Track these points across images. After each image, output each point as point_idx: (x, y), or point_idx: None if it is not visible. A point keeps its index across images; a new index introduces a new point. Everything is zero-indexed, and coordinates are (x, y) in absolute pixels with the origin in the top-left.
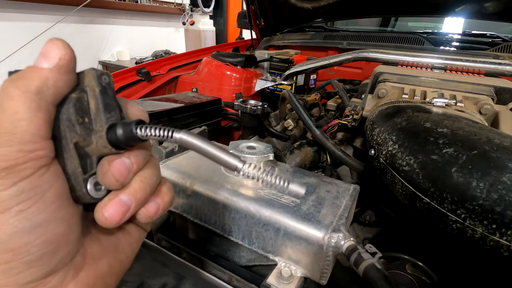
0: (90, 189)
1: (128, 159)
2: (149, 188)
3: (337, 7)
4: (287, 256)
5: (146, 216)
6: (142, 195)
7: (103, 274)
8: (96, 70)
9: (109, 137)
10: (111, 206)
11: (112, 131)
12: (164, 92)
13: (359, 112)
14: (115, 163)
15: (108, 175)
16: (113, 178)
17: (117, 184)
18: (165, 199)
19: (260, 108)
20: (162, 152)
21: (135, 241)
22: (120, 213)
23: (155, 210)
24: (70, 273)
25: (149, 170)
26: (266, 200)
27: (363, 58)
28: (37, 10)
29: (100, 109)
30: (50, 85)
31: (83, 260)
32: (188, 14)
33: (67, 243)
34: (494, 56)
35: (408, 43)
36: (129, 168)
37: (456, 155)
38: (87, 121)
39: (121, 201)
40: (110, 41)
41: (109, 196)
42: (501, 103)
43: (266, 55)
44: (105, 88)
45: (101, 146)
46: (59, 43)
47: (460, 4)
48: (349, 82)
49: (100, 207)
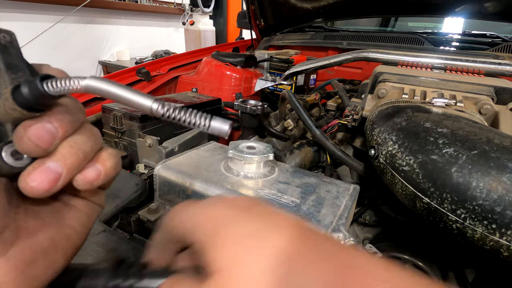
0: (7, 158)
1: (49, 123)
2: (81, 153)
3: (337, 7)
4: None
5: (84, 182)
6: (74, 160)
7: (44, 249)
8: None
9: (16, 98)
10: (36, 174)
11: (18, 91)
12: (164, 92)
13: (359, 112)
14: (32, 128)
15: (24, 140)
16: (31, 143)
17: (39, 150)
18: (107, 165)
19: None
20: (162, 152)
21: (84, 215)
22: (48, 181)
23: (94, 175)
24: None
25: (81, 135)
26: (266, 200)
27: (363, 58)
28: (37, 10)
29: (2, 69)
30: None
31: (14, 235)
32: (188, 14)
33: None
34: (494, 56)
35: (408, 43)
36: (51, 132)
37: (456, 155)
38: None
39: (48, 168)
40: (110, 41)
41: (33, 164)
42: (501, 103)
43: (266, 55)
44: (6, 47)
45: (9, 110)
46: None
47: (460, 4)
48: (349, 82)
49: (23, 176)
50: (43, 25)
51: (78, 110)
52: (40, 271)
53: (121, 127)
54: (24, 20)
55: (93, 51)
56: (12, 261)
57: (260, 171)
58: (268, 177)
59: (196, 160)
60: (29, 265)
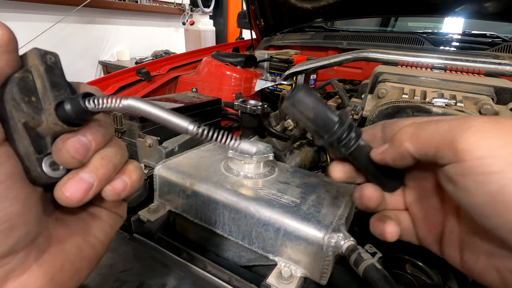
0: (46, 168)
1: (84, 137)
2: (111, 165)
3: (337, 7)
4: (287, 256)
5: (112, 193)
6: (105, 172)
7: (71, 257)
8: (39, 49)
9: (58, 113)
10: (71, 184)
11: (61, 108)
12: (164, 92)
13: (359, 112)
14: (70, 141)
15: (62, 152)
16: (68, 155)
17: (75, 162)
18: (133, 177)
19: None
20: (162, 152)
21: (107, 226)
22: (81, 191)
23: (122, 187)
24: (32, 254)
25: (111, 148)
26: (266, 200)
27: (363, 58)
28: (37, 10)
29: (47, 87)
30: None
31: (46, 242)
32: (188, 14)
33: (25, 223)
34: (494, 56)
35: (408, 43)
36: (86, 145)
37: None
38: (34, 100)
39: (82, 179)
40: (110, 41)
41: (68, 175)
42: (501, 103)
43: (266, 55)
44: (51, 67)
45: (51, 124)
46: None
47: (460, 4)
48: (349, 82)
49: (59, 186)
50: (43, 25)
51: (109, 124)
52: (67, 278)
53: (121, 127)
54: (24, 20)
55: (93, 51)
56: (44, 267)
57: (260, 171)
58: (268, 177)
59: (196, 160)
60: (58, 272)
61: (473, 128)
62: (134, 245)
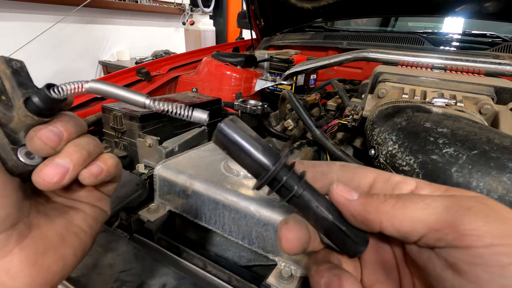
0: (22, 157)
1: (54, 127)
2: (85, 152)
3: (337, 7)
4: (287, 256)
5: (89, 175)
6: (79, 157)
7: (55, 244)
8: (4, 57)
9: (28, 107)
10: (47, 169)
11: (29, 101)
12: (164, 92)
13: (359, 112)
14: (41, 130)
15: (34, 140)
16: (40, 142)
17: (47, 148)
18: (108, 163)
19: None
20: (162, 152)
21: (90, 218)
22: (58, 174)
23: (98, 170)
24: (13, 238)
25: (84, 138)
26: (266, 200)
27: (363, 58)
28: (37, 10)
29: (15, 86)
30: None
31: (27, 229)
32: (188, 14)
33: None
34: (494, 56)
35: (408, 43)
36: (58, 134)
37: (456, 155)
38: (4, 99)
39: (57, 164)
40: (110, 41)
41: (44, 162)
42: (501, 103)
43: (266, 55)
44: (17, 71)
45: (22, 117)
46: None
47: (460, 4)
48: (349, 82)
49: (36, 172)
50: (43, 25)
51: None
52: (51, 263)
53: (121, 127)
54: (24, 20)
55: (93, 51)
56: (25, 251)
57: None
58: None
59: (196, 160)
60: (41, 256)
61: (474, 209)
62: (134, 245)
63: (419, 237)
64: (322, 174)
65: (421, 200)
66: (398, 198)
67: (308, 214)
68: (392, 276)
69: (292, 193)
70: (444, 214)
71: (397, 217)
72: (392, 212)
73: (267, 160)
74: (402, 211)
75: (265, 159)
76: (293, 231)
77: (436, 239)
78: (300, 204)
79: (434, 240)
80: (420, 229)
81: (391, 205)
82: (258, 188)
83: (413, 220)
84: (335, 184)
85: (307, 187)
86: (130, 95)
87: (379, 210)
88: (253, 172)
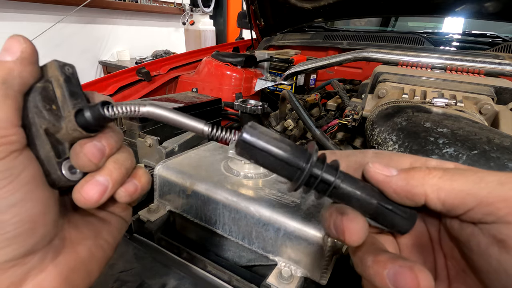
0: (65, 172)
1: (99, 142)
2: (124, 169)
3: (337, 7)
4: (287, 256)
5: (125, 194)
6: (118, 175)
7: (83, 259)
8: (58, 61)
9: (78, 120)
10: (88, 186)
11: (80, 115)
12: (164, 92)
13: (359, 112)
14: (87, 145)
15: (80, 156)
16: (86, 159)
17: (91, 165)
18: (142, 180)
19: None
20: (162, 152)
21: (115, 229)
22: (98, 193)
23: (133, 189)
24: (49, 255)
25: (123, 153)
26: (266, 200)
27: (363, 58)
28: (37, 10)
29: (66, 96)
30: (15, 75)
31: (61, 244)
32: (188, 14)
33: (44, 224)
34: (494, 56)
35: (408, 43)
36: (101, 150)
37: (456, 155)
38: (55, 108)
39: (98, 181)
40: (110, 41)
41: (85, 178)
42: (501, 103)
43: (266, 55)
44: (69, 77)
45: (71, 130)
46: (19, 38)
47: (460, 4)
48: (349, 82)
49: (77, 188)
50: (43, 25)
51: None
52: (80, 279)
53: (121, 127)
54: (24, 20)
55: (93, 51)
56: (60, 268)
57: (260, 171)
58: (268, 177)
59: (196, 160)
60: (71, 273)
61: None
62: (134, 245)
63: (466, 211)
64: (356, 163)
65: (473, 173)
66: (444, 170)
67: (350, 202)
68: (428, 259)
69: (332, 187)
70: (498, 188)
71: (444, 189)
72: (439, 184)
73: (299, 159)
74: (450, 183)
75: (297, 159)
76: (355, 221)
77: (485, 213)
78: (341, 194)
79: (482, 214)
80: (470, 202)
81: (438, 177)
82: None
83: (463, 192)
84: (370, 163)
85: (344, 176)
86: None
87: (424, 182)
88: (286, 175)
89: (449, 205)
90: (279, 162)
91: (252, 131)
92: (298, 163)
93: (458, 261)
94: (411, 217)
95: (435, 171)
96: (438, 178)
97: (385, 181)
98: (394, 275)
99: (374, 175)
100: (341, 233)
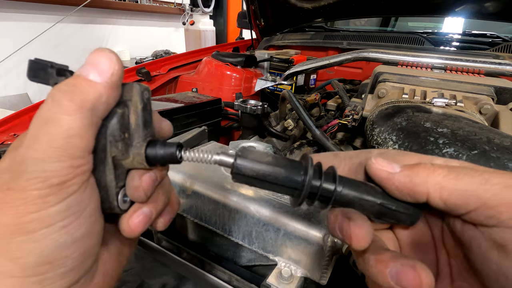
0: (120, 201)
1: (154, 174)
2: (167, 198)
3: (337, 7)
4: (287, 256)
5: (163, 225)
6: (162, 206)
7: (109, 278)
8: (140, 85)
9: (147, 154)
10: (135, 217)
11: (150, 150)
12: (164, 92)
13: (359, 112)
14: (145, 178)
15: (139, 190)
16: (143, 193)
17: (144, 197)
18: (175, 207)
19: (260, 108)
20: None
21: (133, 243)
22: (143, 224)
23: (169, 218)
24: (88, 279)
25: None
26: (266, 200)
27: (363, 58)
28: (37, 10)
29: (140, 125)
30: (103, 101)
31: (96, 267)
32: (188, 14)
33: (94, 254)
34: (494, 56)
35: (408, 43)
36: (155, 182)
37: (456, 155)
38: (127, 137)
39: (144, 213)
40: (110, 41)
41: (133, 208)
42: (501, 103)
43: (266, 55)
44: (146, 104)
45: (137, 163)
46: (112, 56)
47: (460, 4)
48: (349, 82)
49: (125, 218)
50: (43, 25)
51: None
52: None
53: None
54: (24, 20)
55: None
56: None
57: None
58: None
59: None
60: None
61: None
62: None
63: (468, 211)
64: (360, 164)
65: (479, 174)
66: (449, 169)
67: (353, 206)
68: (429, 256)
69: (333, 197)
70: (503, 191)
71: (447, 188)
72: (442, 183)
73: (296, 177)
74: (454, 183)
75: (294, 178)
76: (362, 227)
77: (487, 216)
78: (344, 200)
79: (484, 216)
80: (473, 203)
81: (442, 175)
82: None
83: (467, 193)
84: (373, 158)
85: (343, 182)
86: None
87: (428, 180)
88: (287, 193)
89: (451, 205)
90: (278, 185)
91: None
92: (295, 182)
93: (460, 260)
94: (415, 211)
95: (439, 169)
96: (442, 177)
97: (387, 178)
98: (397, 274)
99: (377, 171)
100: (348, 237)
